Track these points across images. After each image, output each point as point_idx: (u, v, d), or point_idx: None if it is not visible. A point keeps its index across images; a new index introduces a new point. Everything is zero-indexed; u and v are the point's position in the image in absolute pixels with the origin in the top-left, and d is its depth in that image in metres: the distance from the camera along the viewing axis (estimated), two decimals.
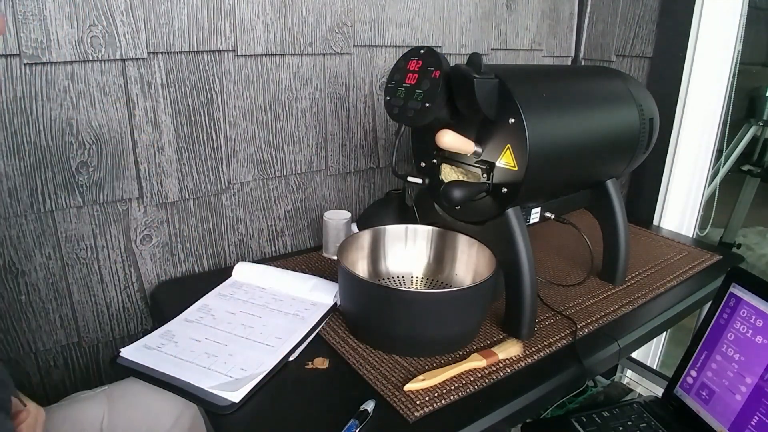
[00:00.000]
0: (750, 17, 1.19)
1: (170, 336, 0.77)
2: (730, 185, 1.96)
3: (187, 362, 0.71)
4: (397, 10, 1.12)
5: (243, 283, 0.93)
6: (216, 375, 0.68)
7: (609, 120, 0.86)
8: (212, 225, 1.02)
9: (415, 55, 0.75)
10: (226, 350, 0.74)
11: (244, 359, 0.72)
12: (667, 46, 1.28)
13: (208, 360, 0.72)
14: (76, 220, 0.87)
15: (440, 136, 0.73)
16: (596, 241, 0.94)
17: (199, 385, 0.66)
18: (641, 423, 0.81)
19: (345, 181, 1.18)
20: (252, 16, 0.94)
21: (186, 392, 0.66)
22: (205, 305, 0.87)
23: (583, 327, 0.82)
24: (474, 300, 0.74)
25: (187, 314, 0.83)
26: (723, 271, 0.80)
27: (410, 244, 0.91)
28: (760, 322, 0.72)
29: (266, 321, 0.82)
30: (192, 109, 0.93)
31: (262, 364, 0.71)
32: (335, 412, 0.63)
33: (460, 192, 0.73)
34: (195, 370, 0.69)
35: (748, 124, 2.04)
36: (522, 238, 0.76)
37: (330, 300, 0.87)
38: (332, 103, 1.10)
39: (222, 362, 0.71)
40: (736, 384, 0.72)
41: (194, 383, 0.67)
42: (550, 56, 1.48)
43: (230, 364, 0.71)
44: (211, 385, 0.66)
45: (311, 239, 1.17)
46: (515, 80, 0.72)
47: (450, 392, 0.67)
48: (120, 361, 0.72)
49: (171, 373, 0.69)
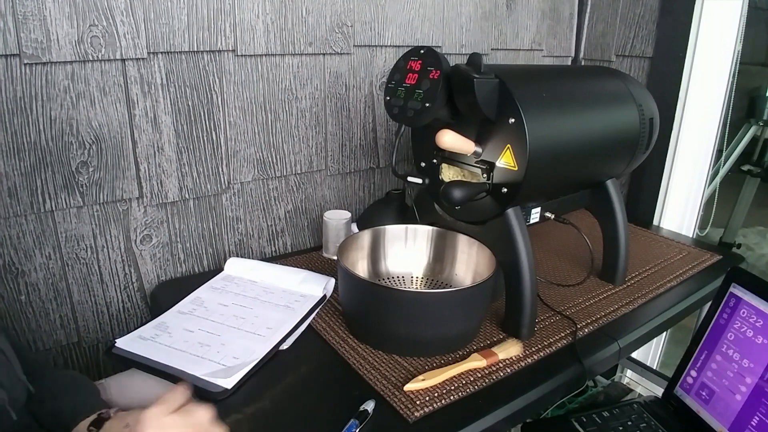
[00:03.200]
0: (750, 17, 1.19)
1: (164, 327, 0.79)
2: (730, 185, 1.96)
3: (181, 351, 0.73)
4: (397, 10, 1.12)
5: (235, 277, 0.95)
6: (209, 363, 0.70)
7: (609, 120, 0.86)
8: (212, 225, 1.02)
9: (415, 55, 0.75)
10: (218, 340, 0.76)
11: (236, 348, 0.74)
12: (667, 46, 1.28)
13: (201, 349, 0.73)
14: (76, 220, 0.87)
15: (440, 136, 0.73)
16: (596, 241, 0.94)
17: (192, 373, 0.68)
18: (641, 423, 0.81)
19: (345, 181, 1.18)
20: (252, 16, 0.94)
21: (180, 380, 0.67)
22: (197, 297, 0.88)
23: (583, 327, 0.82)
24: (474, 300, 0.74)
25: (180, 306, 0.85)
26: (723, 271, 0.80)
27: (410, 244, 0.91)
28: (760, 322, 0.72)
29: (257, 312, 0.84)
30: (192, 109, 0.93)
31: (253, 352, 0.73)
32: (335, 412, 0.63)
33: (460, 192, 0.73)
34: (189, 359, 0.71)
35: (748, 124, 2.04)
36: (522, 238, 0.76)
37: (320, 292, 0.89)
38: (332, 103, 1.10)
39: (215, 351, 0.73)
40: (736, 384, 0.72)
41: (188, 371, 0.68)
42: (550, 56, 1.48)
43: (223, 353, 0.73)
44: (205, 372, 0.68)
45: (311, 239, 1.17)
46: (515, 80, 0.72)
47: (450, 392, 0.67)
48: (115, 351, 0.74)
49: (165, 362, 0.70)
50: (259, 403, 0.65)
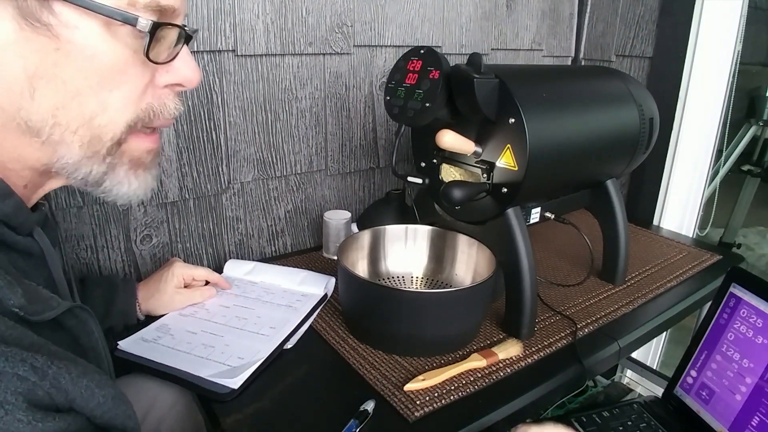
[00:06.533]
0: (750, 17, 1.19)
1: (166, 329, 0.79)
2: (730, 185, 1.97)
3: (184, 353, 0.73)
4: (397, 10, 1.12)
5: (234, 278, 0.95)
6: (214, 364, 0.70)
7: (609, 120, 0.86)
8: (212, 225, 1.02)
9: (415, 55, 0.75)
10: (222, 341, 0.76)
11: (240, 348, 0.73)
12: (667, 46, 1.28)
13: (205, 350, 0.73)
14: (76, 220, 0.87)
15: (440, 136, 0.73)
16: (596, 241, 0.94)
17: (198, 374, 0.67)
18: (641, 423, 0.81)
19: (345, 181, 1.18)
20: (252, 16, 0.94)
21: (185, 381, 0.67)
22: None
23: (583, 327, 0.82)
24: (474, 300, 0.74)
25: (181, 309, 0.85)
26: (723, 271, 0.80)
27: (410, 244, 0.91)
28: (760, 322, 0.72)
29: (259, 312, 0.83)
30: (192, 109, 0.93)
31: (258, 352, 0.72)
32: (335, 412, 0.63)
33: (460, 192, 0.73)
34: (193, 360, 0.71)
35: (748, 124, 2.04)
36: (522, 238, 0.76)
37: (320, 291, 0.89)
38: (332, 103, 1.10)
39: (219, 352, 0.73)
40: (736, 384, 0.72)
41: (193, 372, 0.68)
42: (550, 56, 1.48)
43: (227, 353, 0.72)
44: (210, 373, 0.67)
45: (311, 239, 1.17)
46: (515, 80, 0.72)
47: (450, 392, 0.67)
48: (118, 353, 0.73)
49: (170, 364, 0.70)
50: (258, 403, 0.65)
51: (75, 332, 0.44)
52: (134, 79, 0.42)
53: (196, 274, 0.86)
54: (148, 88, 0.44)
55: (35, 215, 0.46)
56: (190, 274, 0.85)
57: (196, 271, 0.86)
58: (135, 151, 0.46)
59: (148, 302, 0.81)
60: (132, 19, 0.39)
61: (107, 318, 0.76)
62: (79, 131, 0.41)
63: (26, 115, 0.39)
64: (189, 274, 0.85)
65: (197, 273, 0.86)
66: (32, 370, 0.33)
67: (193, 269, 0.86)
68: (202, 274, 0.87)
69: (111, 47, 0.39)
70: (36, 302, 0.39)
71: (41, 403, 0.33)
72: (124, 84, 0.41)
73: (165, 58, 0.43)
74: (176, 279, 0.83)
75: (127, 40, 0.40)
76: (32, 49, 0.37)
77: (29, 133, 0.39)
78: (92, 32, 0.38)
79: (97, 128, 0.41)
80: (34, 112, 0.39)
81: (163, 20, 0.41)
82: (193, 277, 0.86)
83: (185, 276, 0.84)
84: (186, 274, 0.84)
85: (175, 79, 0.45)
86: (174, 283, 0.82)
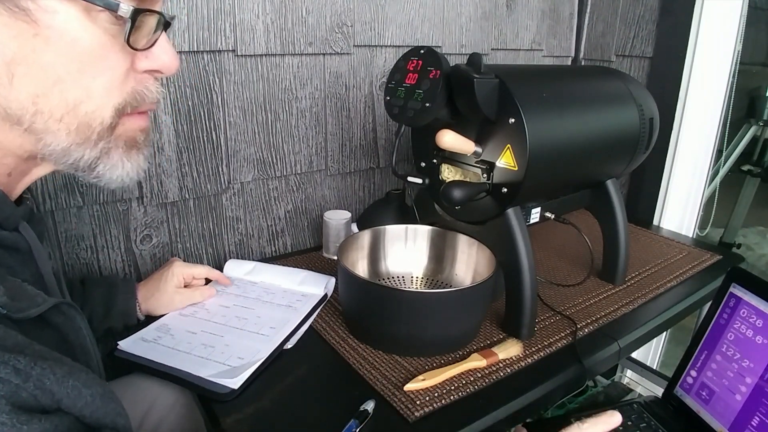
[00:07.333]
0: (750, 17, 1.19)
1: (166, 329, 0.78)
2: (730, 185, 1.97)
3: (184, 353, 0.72)
4: (397, 10, 1.12)
5: (235, 278, 0.95)
6: (214, 364, 0.70)
7: (609, 120, 0.86)
8: (212, 225, 1.02)
9: (415, 55, 0.75)
10: (222, 341, 0.75)
11: (240, 348, 0.73)
12: (667, 46, 1.28)
13: (205, 350, 0.73)
14: (76, 220, 0.87)
15: (440, 136, 0.73)
16: (596, 241, 0.94)
17: (198, 374, 0.67)
18: (641, 423, 0.81)
19: (345, 181, 1.18)
20: (252, 16, 0.94)
21: (185, 381, 0.67)
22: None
23: (583, 327, 0.82)
24: (474, 300, 0.74)
25: (181, 308, 0.85)
26: (723, 271, 0.80)
27: (410, 244, 0.91)
28: (760, 322, 0.72)
29: (259, 312, 0.83)
30: (192, 109, 0.93)
31: (258, 352, 0.72)
32: (335, 412, 0.63)
33: (460, 192, 0.73)
34: (193, 360, 0.71)
35: (748, 124, 2.04)
36: (522, 238, 0.76)
37: (320, 291, 0.89)
38: (332, 103, 1.10)
39: (219, 352, 0.73)
40: (736, 384, 0.72)
41: (193, 372, 0.68)
42: (550, 56, 1.48)
43: (227, 353, 0.72)
44: (210, 373, 0.67)
45: (311, 239, 1.17)
46: (515, 80, 0.72)
47: (450, 392, 0.67)
48: (118, 353, 0.73)
49: (170, 364, 0.70)
50: (258, 403, 0.65)
51: (62, 329, 0.44)
52: (115, 65, 0.42)
53: (196, 273, 0.86)
54: (130, 73, 0.43)
55: (20, 209, 0.46)
56: (190, 272, 0.85)
57: (196, 270, 0.86)
58: (129, 131, 0.46)
59: (148, 302, 0.81)
60: (113, 4, 0.39)
61: (107, 318, 0.76)
62: (65, 119, 0.40)
63: (5, 102, 0.38)
64: (189, 272, 0.85)
65: (197, 271, 0.86)
66: (15, 372, 0.33)
67: (193, 267, 0.86)
68: (202, 272, 0.87)
69: (90, 33, 0.39)
70: (20, 299, 0.38)
71: (26, 405, 0.33)
72: (106, 70, 0.41)
73: (144, 45, 0.43)
74: (176, 278, 0.83)
75: (106, 26, 0.40)
76: (10, 34, 0.36)
77: (9, 120, 0.39)
78: (72, 17, 0.38)
79: (84, 116, 0.41)
80: (14, 99, 0.38)
81: (143, 6, 0.41)
82: (193, 276, 0.86)
83: (185, 275, 0.84)
84: (186, 273, 0.84)
85: (155, 65, 0.45)
86: (174, 283, 0.82)
